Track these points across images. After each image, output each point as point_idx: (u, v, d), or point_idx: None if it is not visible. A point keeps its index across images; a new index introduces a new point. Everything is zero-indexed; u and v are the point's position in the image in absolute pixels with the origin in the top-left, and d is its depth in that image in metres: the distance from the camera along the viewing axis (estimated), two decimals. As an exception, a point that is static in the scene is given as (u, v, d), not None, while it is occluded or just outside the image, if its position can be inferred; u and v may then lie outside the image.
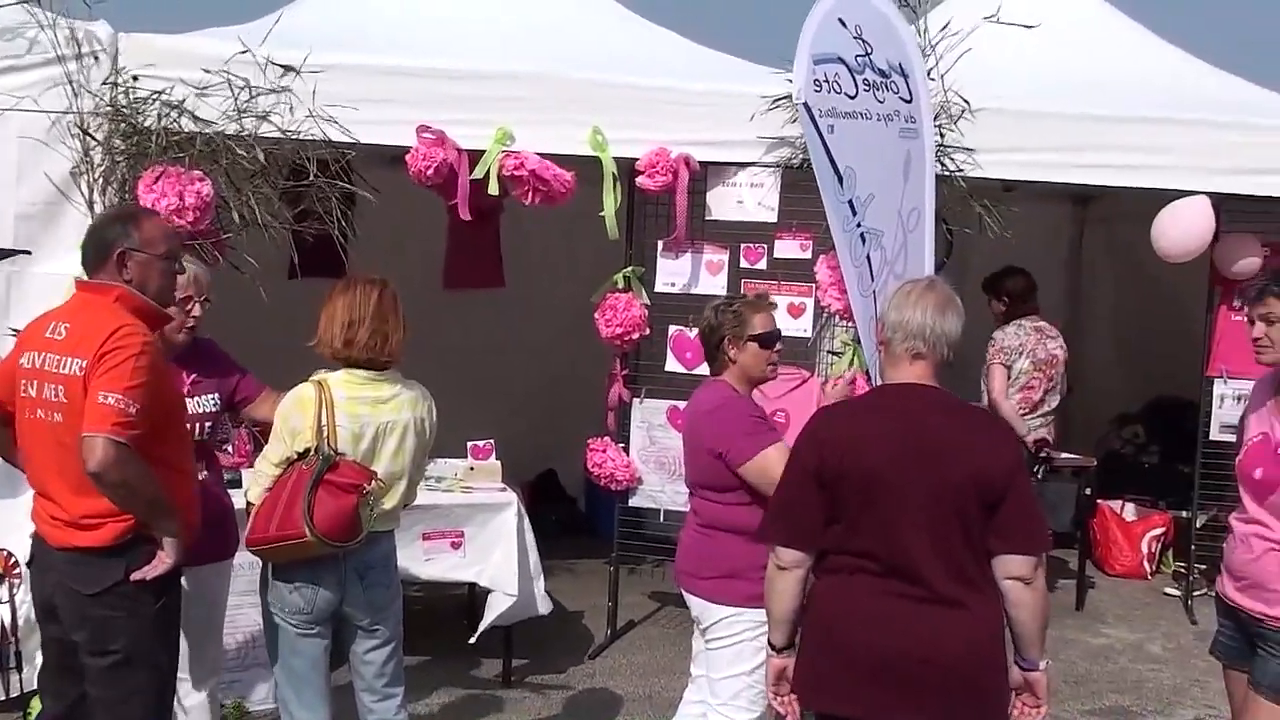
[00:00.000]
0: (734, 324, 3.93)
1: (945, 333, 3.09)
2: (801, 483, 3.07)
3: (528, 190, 5.57)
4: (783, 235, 5.95)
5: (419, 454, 3.84)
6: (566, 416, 7.45)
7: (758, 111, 5.70)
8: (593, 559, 7.11)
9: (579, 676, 5.81)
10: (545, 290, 7.61)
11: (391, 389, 3.74)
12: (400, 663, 3.89)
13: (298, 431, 3.63)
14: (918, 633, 2.95)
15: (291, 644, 3.69)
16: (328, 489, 3.55)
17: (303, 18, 5.96)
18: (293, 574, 3.65)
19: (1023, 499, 2.97)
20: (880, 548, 2.98)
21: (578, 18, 6.58)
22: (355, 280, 3.76)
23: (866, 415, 3.13)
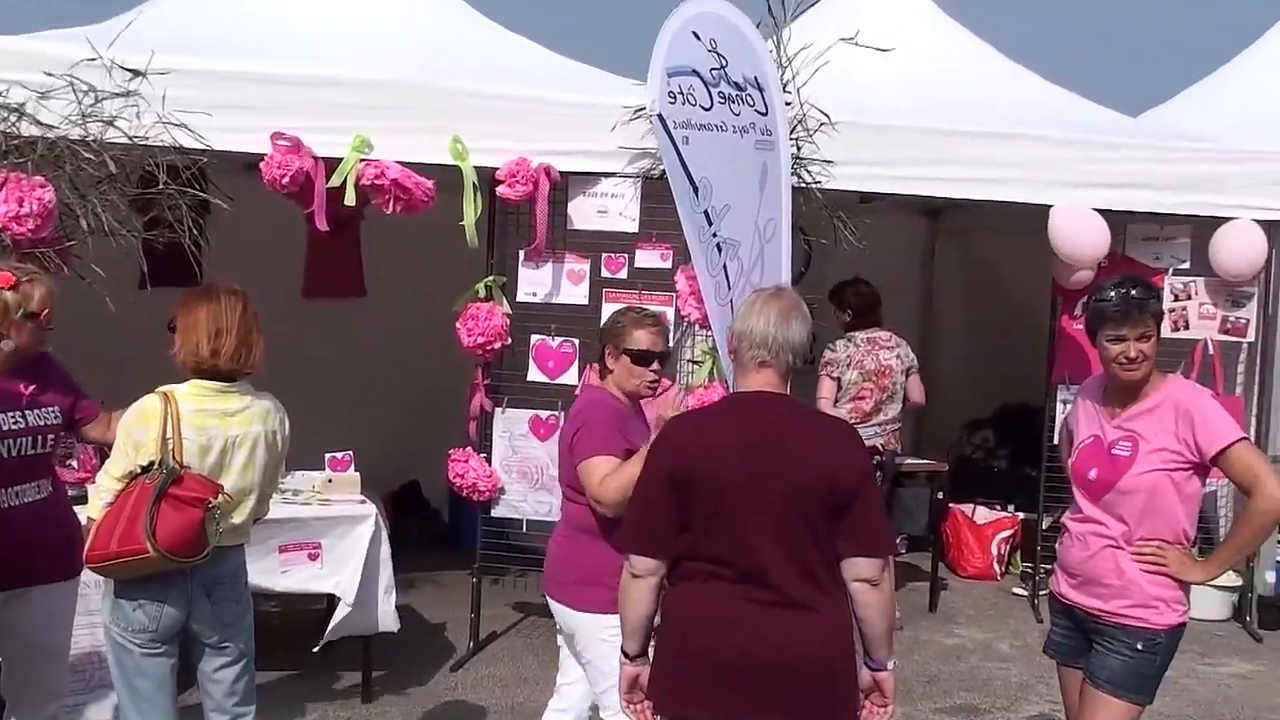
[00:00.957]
0: (615, 334, 3.93)
1: (788, 341, 3.13)
2: (655, 490, 3.09)
3: (389, 199, 5.53)
4: (643, 245, 6.01)
5: (270, 468, 3.77)
6: (429, 427, 7.38)
7: (619, 122, 5.75)
8: (456, 570, 7.05)
9: (440, 689, 5.76)
10: (407, 300, 7.53)
11: (241, 401, 3.67)
12: (252, 680, 3.80)
13: (141, 444, 3.54)
14: (770, 636, 3.00)
15: (136, 664, 3.58)
16: (171, 503, 3.46)
17: (154, 22, 5.80)
18: (136, 591, 3.54)
19: (870, 504, 3.04)
20: (732, 553, 3.02)
21: (438, 25, 6.55)
22: (216, 289, 3.68)
23: (717, 422, 3.17)
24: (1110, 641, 3.70)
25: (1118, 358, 3.66)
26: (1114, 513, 3.70)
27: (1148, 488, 3.64)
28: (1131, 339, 3.64)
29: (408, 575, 6.83)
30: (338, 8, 6.27)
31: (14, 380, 3.88)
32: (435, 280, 6.68)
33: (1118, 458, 3.69)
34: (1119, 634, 3.68)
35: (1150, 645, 3.66)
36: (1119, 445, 3.70)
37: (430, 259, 7.05)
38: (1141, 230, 7.08)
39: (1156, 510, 3.65)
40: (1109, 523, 3.71)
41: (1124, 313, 3.64)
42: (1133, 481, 3.65)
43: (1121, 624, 3.67)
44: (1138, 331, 3.64)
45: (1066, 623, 3.90)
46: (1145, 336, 3.65)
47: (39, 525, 3.85)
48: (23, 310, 3.80)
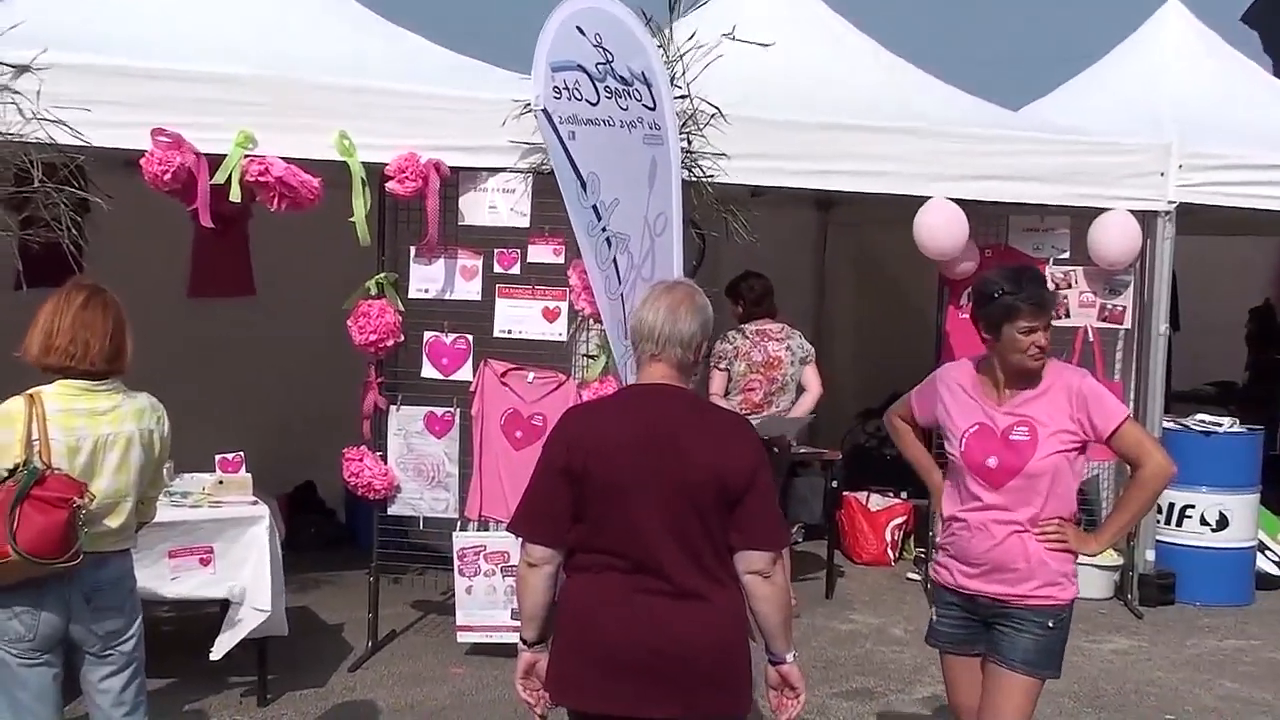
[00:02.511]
0: None
1: (676, 334, 3.13)
2: (549, 479, 3.11)
3: (274, 196, 5.45)
4: (535, 240, 6.01)
5: (148, 468, 3.69)
6: (323, 426, 7.29)
7: (509, 116, 5.73)
8: (354, 570, 6.98)
9: (339, 689, 5.70)
10: (298, 298, 7.43)
11: (111, 400, 3.59)
12: (142, 688, 3.73)
13: (5, 447, 3.45)
14: (661, 627, 3.02)
15: (14, 675, 3.47)
16: (34, 504, 3.37)
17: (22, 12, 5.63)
18: (10, 598, 3.44)
19: (762, 497, 3.07)
20: (624, 545, 3.05)
21: (323, 19, 6.46)
22: (66, 288, 3.61)
23: (611, 414, 3.20)
24: (1020, 624, 3.79)
25: (1029, 348, 3.76)
26: (1020, 497, 3.78)
27: (1051, 470, 3.75)
28: (1041, 329, 3.76)
29: (305, 576, 6.77)
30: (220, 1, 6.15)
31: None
32: (326, 277, 6.62)
33: (1017, 443, 3.77)
34: (1029, 615, 3.77)
35: (1058, 621, 3.79)
36: (1015, 431, 3.78)
37: (321, 256, 6.96)
38: (1023, 221, 7.27)
39: (1057, 491, 3.78)
40: (1014, 508, 3.78)
41: (1039, 306, 3.77)
42: (1039, 465, 3.74)
43: (1032, 605, 3.77)
44: (1045, 322, 3.78)
45: (959, 612, 3.95)
46: (1049, 326, 3.80)
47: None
48: None
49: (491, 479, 6.11)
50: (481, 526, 6.22)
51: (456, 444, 6.15)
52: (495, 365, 6.14)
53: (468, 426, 6.16)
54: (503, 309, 6.05)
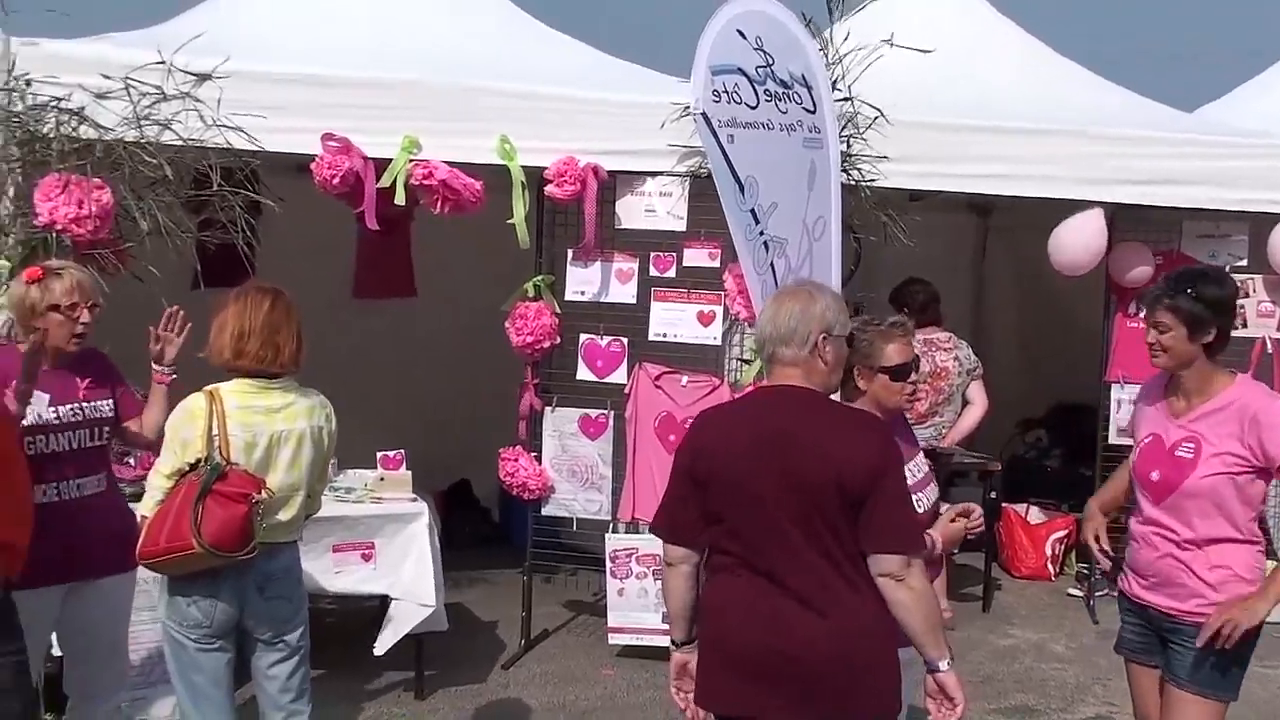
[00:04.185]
0: (865, 353, 3.57)
1: (777, 333, 3.13)
2: (678, 482, 3.17)
3: (438, 199, 5.56)
4: (691, 244, 6.01)
5: (318, 464, 3.80)
6: (480, 426, 7.42)
7: (668, 119, 5.74)
8: (507, 569, 7.09)
9: (492, 687, 5.78)
10: (457, 299, 7.58)
11: (284, 398, 3.71)
12: (307, 677, 3.84)
13: (188, 442, 3.59)
14: (783, 630, 3.00)
15: (192, 659, 3.63)
16: (216, 499, 3.50)
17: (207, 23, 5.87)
18: (189, 587, 3.59)
19: (890, 497, 2.99)
20: (747, 546, 3.05)
21: (486, 26, 6.58)
22: (247, 290, 3.72)
23: (733, 417, 3.22)
24: (1188, 640, 3.65)
25: (1151, 344, 3.71)
26: (1178, 516, 3.65)
27: (1208, 490, 3.59)
28: (1153, 325, 3.69)
29: (459, 574, 6.88)
30: (389, 9, 6.31)
31: (70, 374, 3.94)
32: (485, 279, 6.73)
33: (1180, 460, 3.64)
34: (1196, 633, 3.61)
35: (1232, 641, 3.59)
36: (1181, 447, 3.65)
37: (480, 258, 7.11)
38: (1197, 228, 6.96)
39: (1220, 512, 3.61)
40: (1174, 525, 3.66)
41: (1151, 302, 3.72)
42: (1196, 484, 3.60)
43: (1199, 623, 3.61)
44: (1153, 320, 3.68)
45: (1138, 621, 3.85)
46: (1161, 327, 3.66)
47: (98, 518, 3.94)
48: (45, 302, 3.86)
49: (644, 482, 6.12)
50: (633, 529, 6.25)
51: (610, 446, 6.19)
52: (650, 368, 6.15)
53: (622, 429, 6.19)
54: (658, 312, 6.06)
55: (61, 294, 3.86)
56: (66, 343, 3.91)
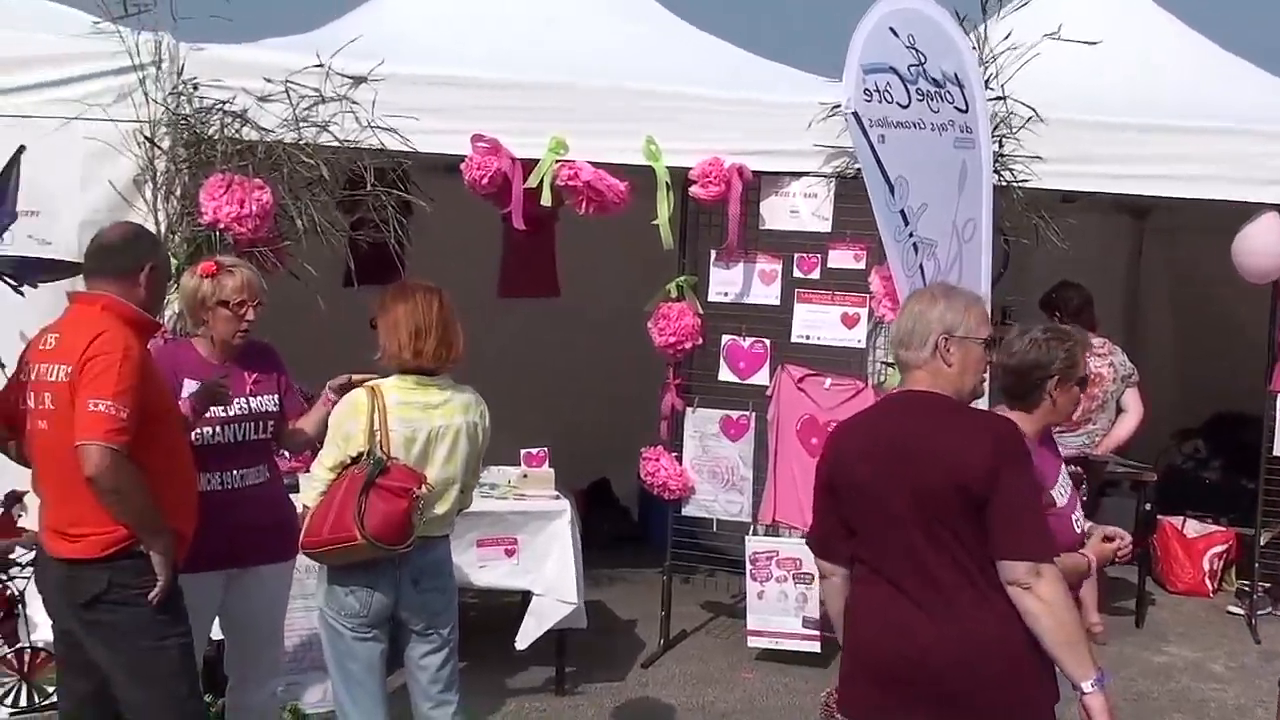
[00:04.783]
0: (1067, 364, 3.45)
1: (902, 336, 3.07)
2: (820, 493, 3.17)
3: (582, 200, 5.60)
4: (837, 245, 5.94)
5: (472, 459, 3.86)
6: (620, 425, 7.44)
7: (815, 119, 5.70)
8: (645, 568, 7.11)
9: (632, 685, 5.81)
10: (600, 298, 7.62)
11: (443, 394, 3.77)
12: (456, 669, 3.90)
13: (351, 436, 3.67)
14: (910, 638, 2.93)
15: (347, 647, 3.72)
16: (379, 493, 3.58)
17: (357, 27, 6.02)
18: (348, 577, 3.68)
19: (1011, 500, 2.88)
20: (878, 555, 3.01)
21: (632, 27, 6.61)
22: (412, 288, 3.79)
23: (862, 426, 3.17)
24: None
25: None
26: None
27: None
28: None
29: (598, 572, 6.92)
30: (539, 12, 6.38)
31: (238, 369, 4.08)
32: (628, 280, 6.77)
33: None
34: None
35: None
36: None
37: (623, 259, 7.15)
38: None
39: None
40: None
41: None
42: None
43: None
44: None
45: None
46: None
47: (259, 508, 4.06)
48: (216, 297, 3.99)
49: (786, 484, 6.08)
50: (773, 531, 6.20)
51: (751, 448, 6.15)
52: (792, 370, 6.11)
53: (763, 430, 6.15)
54: (801, 314, 6.01)
55: (232, 291, 3.99)
56: (231, 337, 4.05)
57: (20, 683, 4.14)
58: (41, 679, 4.14)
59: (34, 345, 3.57)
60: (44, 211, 4.89)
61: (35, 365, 3.50)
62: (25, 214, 4.84)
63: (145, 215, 5.01)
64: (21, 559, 3.91)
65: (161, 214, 5.05)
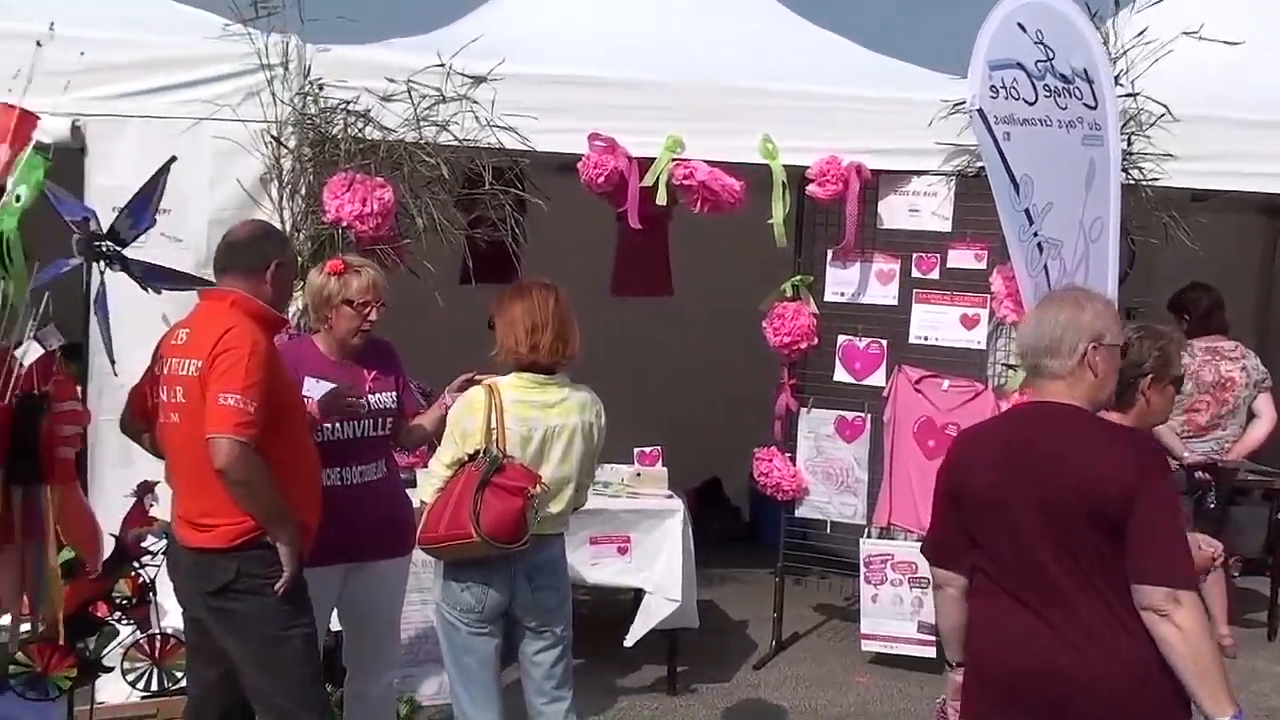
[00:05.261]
0: (1160, 363, 3.39)
1: (1041, 343, 2.92)
2: (942, 503, 3.07)
3: (697, 199, 5.59)
4: (957, 245, 5.84)
5: (587, 458, 3.86)
6: (732, 425, 7.43)
7: (936, 116, 5.61)
8: (756, 569, 7.08)
9: (743, 687, 5.78)
10: (713, 297, 7.61)
11: (560, 393, 3.78)
12: (569, 666, 3.91)
13: (468, 433, 3.70)
14: (1036, 656, 2.83)
15: (463, 642, 3.76)
16: (495, 491, 3.60)
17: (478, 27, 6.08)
18: (464, 573, 3.71)
19: (1151, 522, 2.74)
20: (1003, 569, 2.90)
21: (749, 24, 6.58)
22: (529, 286, 3.81)
23: (990, 435, 3.07)
24: None
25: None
26: None
27: None
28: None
29: (709, 571, 6.89)
30: (658, 9, 6.38)
31: (358, 367, 4.14)
32: (742, 279, 6.74)
33: None
34: None
35: None
36: None
37: (737, 257, 7.12)
38: None
39: None
40: None
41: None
42: None
43: None
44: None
45: None
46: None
47: (377, 504, 4.11)
48: (341, 296, 4.05)
49: (902, 487, 6.00)
50: (887, 534, 6.12)
51: (866, 449, 6.08)
52: (909, 371, 6.02)
53: (879, 432, 6.07)
54: (919, 314, 5.92)
55: (357, 290, 4.05)
56: (351, 336, 4.10)
57: (152, 667, 4.25)
58: (171, 664, 4.25)
59: (167, 340, 3.67)
60: (175, 209, 5.00)
61: (168, 359, 3.60)
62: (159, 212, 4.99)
63: (271, 213, 5.10)
64: (153, 547, 4.01)
65: (287, 212, 5.16)
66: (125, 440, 3.97)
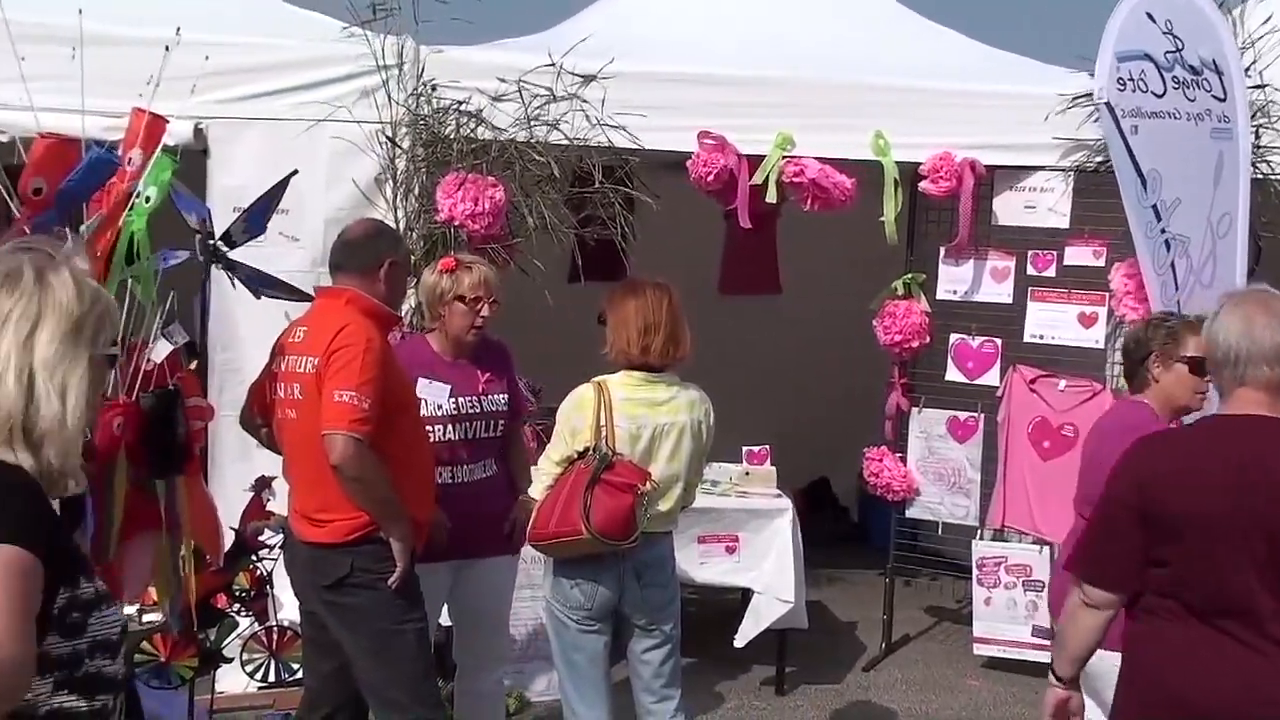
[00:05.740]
0: (1165, 341, 3.63)
1: (1258, 350, 2.70)
2: (1121, 522, 2.79)
3: (807, 196, 5.54)
4: (1074, 241, 5.71)
5: (696, 457, 3.85)
6: (841, 424, 7.35)
7: (1053, 111, 5.49)
8: (865, 569, 7.00)
9: (853, 688, 5.72)
10: (821, 295, 7.53)
11: (669, 391, 3.77)
12: (678, 664, 3.91)
13: (577, 431, 3.71)
14: (1248, 686, 2.62)
15: (573, 639, 3.77)
16: (604, 488, 3.61)
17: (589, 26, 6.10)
18: (574, 570, 3.73)
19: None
20: (1209, 593, 2.67)
21: (860, 18, 6.50)
22: (642, 285, 3.81)
23: (1192, 448, 2.82)
24: None
25: None
26: None
27: None
28: None
29: (817, 572, 6.82)
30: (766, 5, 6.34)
31: (471, 367, 4.17)
32: (851, 276, 6.66)
33: None
34: None
35: None
36: None
37: (846, 255, 7.04)
38: None
39: None
40: None
41: None
42: None
43: None
44: None
45: None
46: None
47: (488, 502, 4.15)
48: (453, 292, 4.08)
49: (1016, 489, 5.88)
50: (1000, 536, 6.01)
51: (979, 450, 5.98)
52: (1024, 371, 5.90)
53: (992, 432, 5.96)
54: (1035, 313, 5.80)
55: (468, 287, 4.07)
56: (464, 333, 4.12)
57: (269, 658, 4.36)
58: (289, 656, 4.35)
59: (285, 337, 3.74)
60: (293, 209, 5.09)
61: (286, 356, 3.67)
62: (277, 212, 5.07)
63: (385, 213, 5.17)
64: (270, 541, 4.10)
65: (400, 211, 5.23)
66: (244, 435, 4.06)
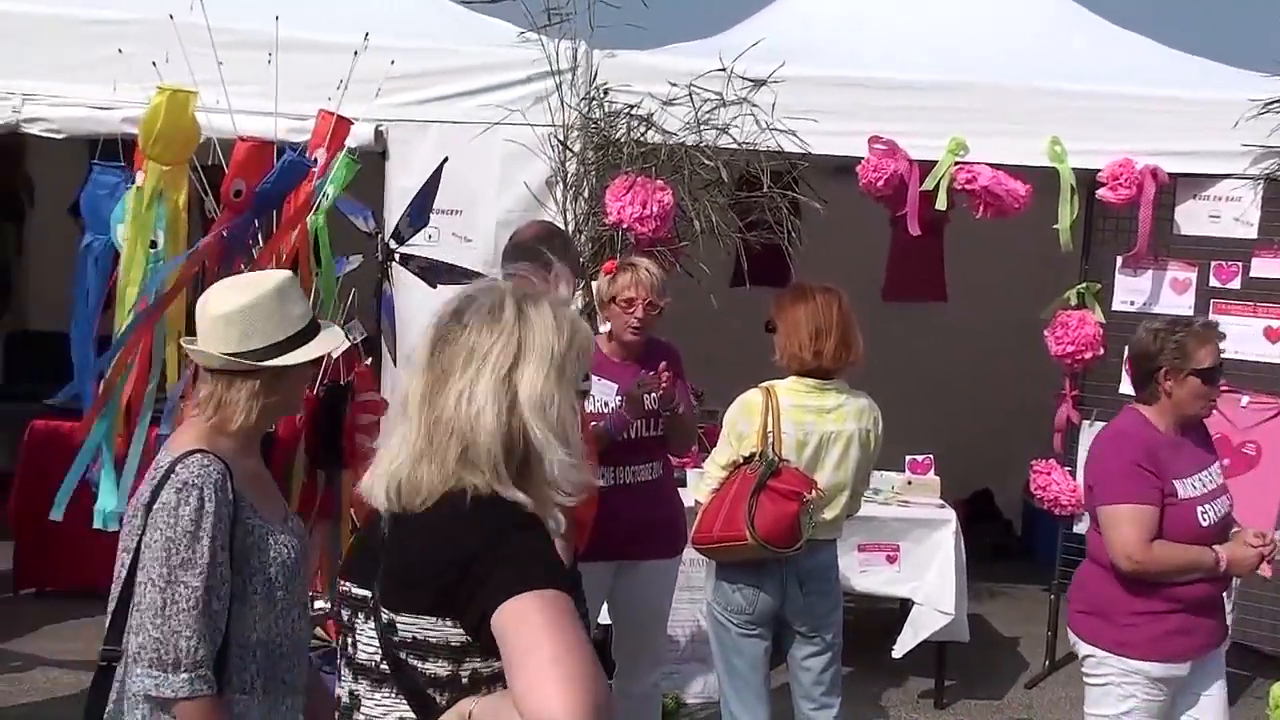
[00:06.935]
0: (1175, 355, 3.49)
1: None
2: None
3: (979, 204, 5.44)
4: (1262, 252, 5.48)
5: (863, 465, 3.83)
6: (1005, 435, 7.20)
7: (1242, 117, 5.29)
8: (1028, 584, 6.84)
9: (1015, 705, 5.61)
10: (988, 304, 7.38)
11: (837, 399, 3.76)
12: (839, 673, 3.90)
13: (744, 436, 3.72)
14: None
15: (733, 643, 3.79)
16: (770, 495, 3.61)
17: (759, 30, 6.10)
18: (736, 575, 3.74)
19: None
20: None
21: (1037, 22, 6.35)
22: (812, 290, 3.80)
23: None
24: None
25: None
26: None
27: None
28: None
29: (978, 585, 6.70)
30: (938, 8, 6.25)
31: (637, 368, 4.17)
32: (1020, 284, 6.51)
33: None
34: None
35: None
36: None
37: (1015, 263, 6.89)
38: None
39: None
40: None
41: None
42: None
43: None
44: None
45: None
46: None
47: (651, 503, 4.17)
48: (609, 294, 4.12)
49: (1192, 508, 5.66)
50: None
51: (1153, 466, 5.76)
52: (1203, 386, 5.67)
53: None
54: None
55: (621, 288, 4.09)
56: (624, 333, 4.15)
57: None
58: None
59: None
60: (466, 211, 5.25)
61: None
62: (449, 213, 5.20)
63: (555, 215, 5.27)
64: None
65: (570, 214, 5.32)
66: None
